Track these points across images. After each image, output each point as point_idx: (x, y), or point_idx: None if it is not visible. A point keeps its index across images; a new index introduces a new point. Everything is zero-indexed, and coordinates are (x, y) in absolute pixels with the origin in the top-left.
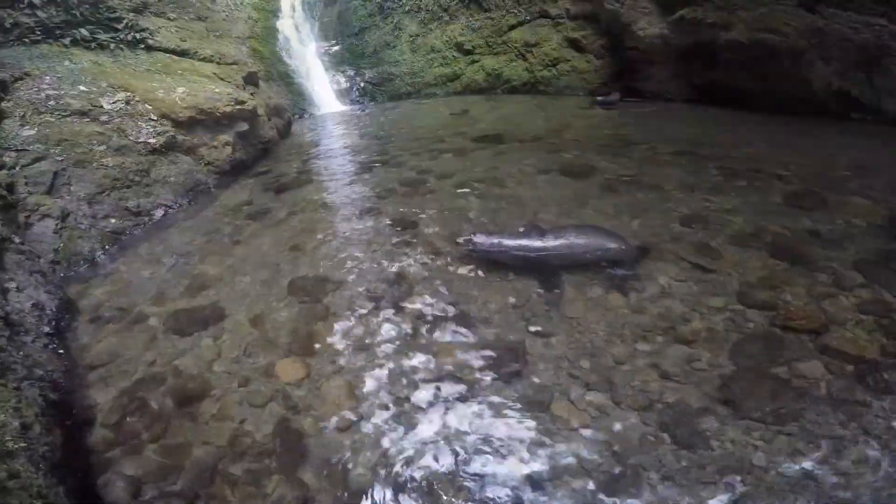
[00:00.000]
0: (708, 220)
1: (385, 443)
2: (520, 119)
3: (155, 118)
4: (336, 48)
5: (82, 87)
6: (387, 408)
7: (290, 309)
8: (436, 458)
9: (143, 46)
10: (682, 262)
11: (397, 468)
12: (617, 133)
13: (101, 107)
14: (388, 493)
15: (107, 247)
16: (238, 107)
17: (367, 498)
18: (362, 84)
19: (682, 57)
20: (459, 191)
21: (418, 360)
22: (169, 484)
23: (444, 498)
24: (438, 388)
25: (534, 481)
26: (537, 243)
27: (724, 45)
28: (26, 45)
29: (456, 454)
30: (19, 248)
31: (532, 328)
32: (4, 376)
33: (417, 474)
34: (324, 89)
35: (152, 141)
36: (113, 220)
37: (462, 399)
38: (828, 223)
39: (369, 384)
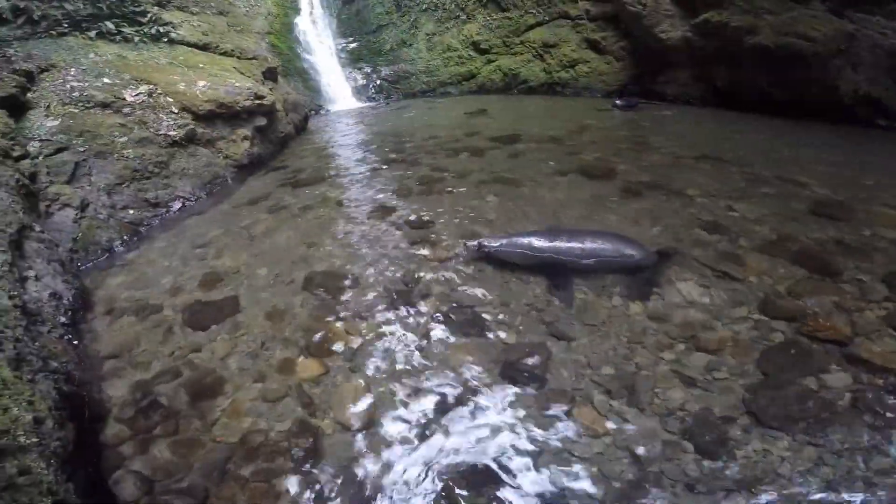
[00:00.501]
0: (731, 227)
1: (401, 445)
2: (537, 120)
3: (176, 111)
4: (353, 45)
5: (106, 80)
6: (404, 409)
7: (307, 305)
8: (453, 462)
9: (165, 40)
10: (705, 269)
11: (414, 471)
12: (637, 136)
13: (124, 99)
14: (404, 497)
15: (124, 237)
16: (257, 101)
17: (382, 501)
18: (378, 81)
19: (705, 60)
20: (477, 190)
21: (436, 361)
22: (180, 482)
23: (462, 502)
24: (457, 391)
25: (555, 487)
26: (550, 244)
27: (748, 50)
28: (53, 37)
29: (474, 458)
30: (39, 236)
31: (552, 332)
32: (20, 368)
33: (434, 477)
34: (340, 86)
35: (173, 133)
36: (131, 211)
37: (481, 402)
38: (854, 233)
39: (386, 385)
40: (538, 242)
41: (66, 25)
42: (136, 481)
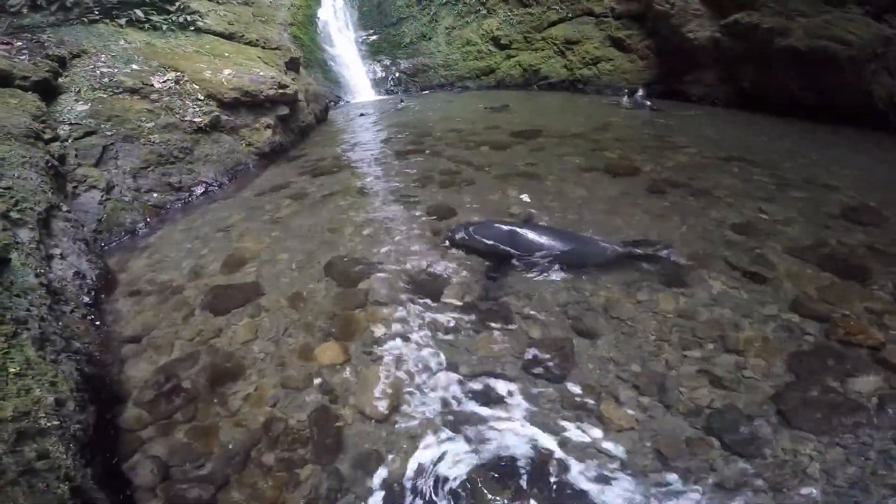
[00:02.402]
0: (761, 228)
1: (424, 436)
2: (558, 116)
3: (202, 98)
4: (373, 37)
5: (134, 66)
6: (426, 400)
7: (329, 291)
8: (476, 454)
9: (192, 28)
10: (734, 269)
11: (435, 463)
12: (662, 135)
13: (152, 85)
14: (425, 489)
15: (148, 220)
16: (281, 91)
17: (403, 492)
18: (397, 74)
19: (732, 61)
20: (499, 183)
21: (459, 353)
22: (198, 468)
23: (486, 496)
24: (479, 383)
25: (580, 482)
26: (508, 238)
27: (779, 52)
28: (85, 23)
29: (497, 451)
30: (66, 215)
31: (578, 327)
32: (43, 348)
33: (456, 470)
34: (360, 78)
35: (198, 120)
36: (155, 195)
37: (505, 395)
38: (886, 239)
39: (409, 375)
40: (502, 236)
41: (97, 12)
42: (154, 467)
